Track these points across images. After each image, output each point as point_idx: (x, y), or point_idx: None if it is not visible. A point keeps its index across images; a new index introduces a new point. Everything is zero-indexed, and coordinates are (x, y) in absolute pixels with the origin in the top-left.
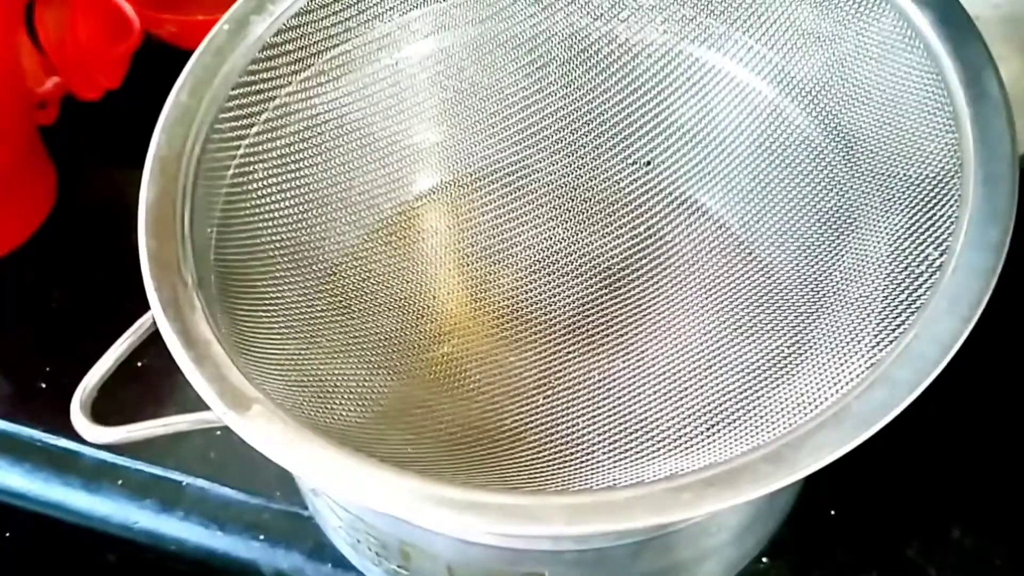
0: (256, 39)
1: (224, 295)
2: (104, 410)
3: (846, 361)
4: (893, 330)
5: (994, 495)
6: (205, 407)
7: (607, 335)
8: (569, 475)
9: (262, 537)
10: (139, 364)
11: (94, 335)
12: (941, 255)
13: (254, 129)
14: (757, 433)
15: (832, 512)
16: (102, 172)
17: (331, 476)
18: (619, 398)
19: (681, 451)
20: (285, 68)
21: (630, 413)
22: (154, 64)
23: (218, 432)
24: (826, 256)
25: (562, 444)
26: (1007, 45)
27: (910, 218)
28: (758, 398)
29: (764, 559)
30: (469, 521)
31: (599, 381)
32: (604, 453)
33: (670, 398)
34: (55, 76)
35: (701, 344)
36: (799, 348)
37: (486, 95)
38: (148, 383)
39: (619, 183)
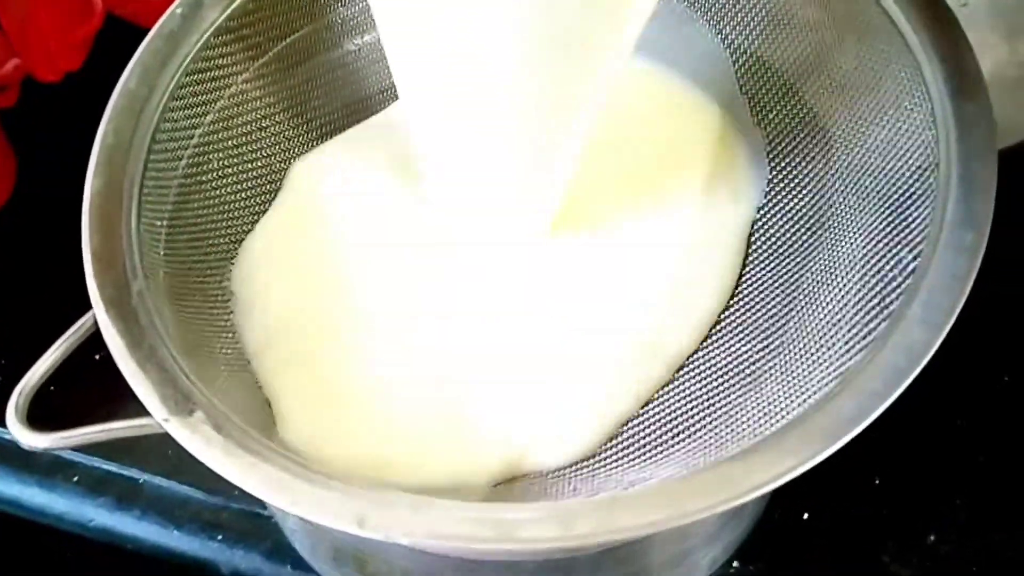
0: (210, 23)
1: (175, 291)
2: (61, 404)
3: (815, 368)
4: (864, 337)
5: (971, 500)
6: None
7: None
8: (522, 483)
9: (220, 537)
10: (96, 357)
11: (50, 327)
12: (915, 258)
13: (208, 118)
14: (721, 443)
15: (805, 516)
16: (62, 156)
17: (272, 491)
18: None
19: (643, 460)
20: (241, 54)
21: None
22: (117, 44)
23: None
24: (798, 256)
25: None
26: (995, 32)
27: (884, 218)
28: (724, 405)
29: (735, 563)
30: (416, 538)
31: None
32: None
33: None
34: (15, 58)
35: None
36: (768, 352)
37: None
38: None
39: None
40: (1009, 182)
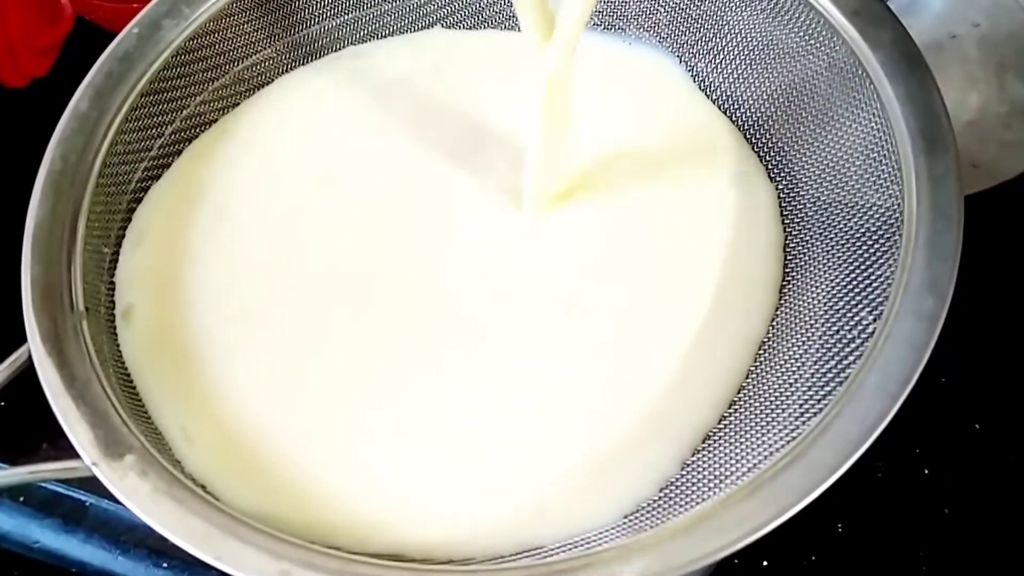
0: (167, 44)
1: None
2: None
3: (767, 431)
4: (818, 401)
5: (934, 552)
6: None
7: None
8: None
9: (165, 564)
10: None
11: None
12: (874, 320)
13: (160, 141)
14: (670, 508)
15: (764, 563)
16: (27, 164)
17: (196, 544)
18: None
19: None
20: (200, 75)
21: None
22: (87, 50)
23: None
24: None
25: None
26: (983, 67)
27: (847, 275)
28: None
29: None
30: None
31: None
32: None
33: None
34: None
35: None
36: (724, 411)
37: None
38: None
39: None
40: (991, 222)
